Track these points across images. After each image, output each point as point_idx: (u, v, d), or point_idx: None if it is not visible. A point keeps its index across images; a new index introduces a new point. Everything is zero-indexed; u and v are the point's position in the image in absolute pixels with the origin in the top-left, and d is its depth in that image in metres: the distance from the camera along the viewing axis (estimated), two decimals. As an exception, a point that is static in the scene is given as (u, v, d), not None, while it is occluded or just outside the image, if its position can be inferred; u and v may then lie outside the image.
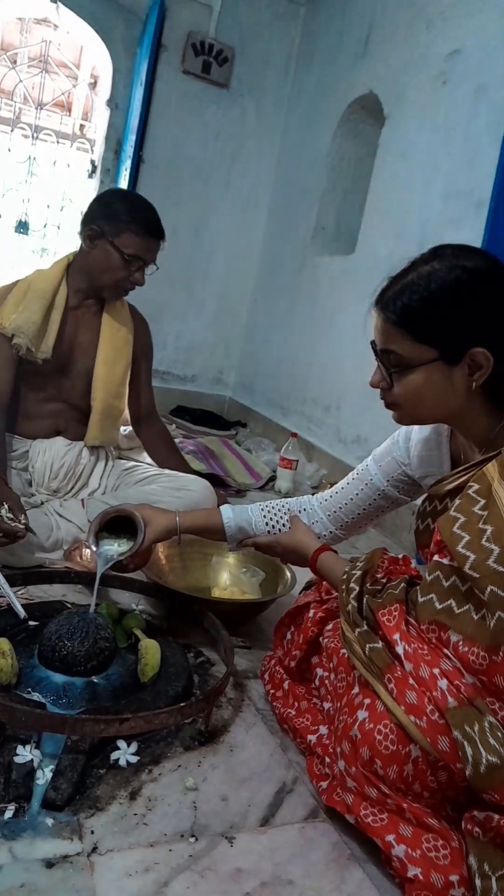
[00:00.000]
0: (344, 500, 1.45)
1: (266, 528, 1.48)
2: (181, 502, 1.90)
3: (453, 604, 1.00)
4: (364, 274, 3.13)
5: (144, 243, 1.86)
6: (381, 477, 1.39)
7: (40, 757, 1.09)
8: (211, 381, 4.41)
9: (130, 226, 1.84)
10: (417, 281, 1.08)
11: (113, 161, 4.04)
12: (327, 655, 1.26)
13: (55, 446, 1.99)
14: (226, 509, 1.51)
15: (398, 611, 1.08)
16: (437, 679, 0.97)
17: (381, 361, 1.15)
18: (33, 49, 4.29)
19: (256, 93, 4.07)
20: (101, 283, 1.92)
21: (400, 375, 1.12)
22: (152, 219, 1.88)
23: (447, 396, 1.11)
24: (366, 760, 1.01)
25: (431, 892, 0.92)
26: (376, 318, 1.14)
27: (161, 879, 0.93)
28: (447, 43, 2.72)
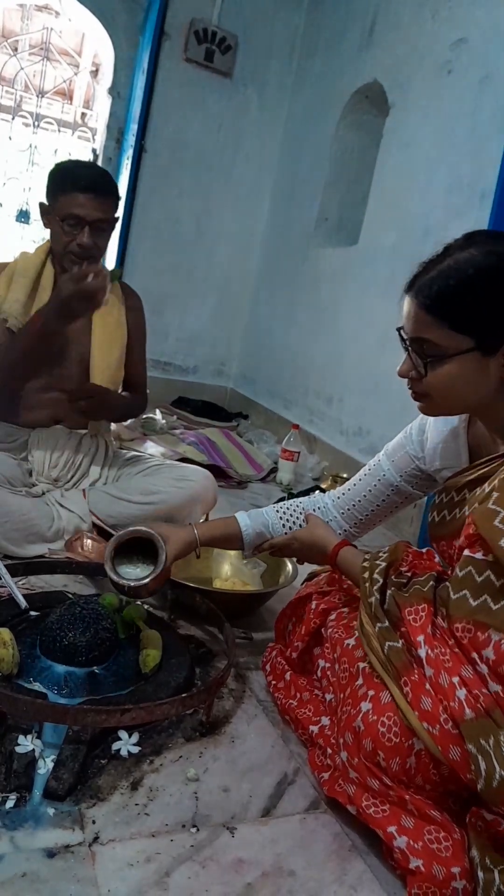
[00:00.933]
0: (357, 497, 1.43)
1: (283, 530, 1.46)
2: (182, 492, 1.90)
3: (489, 600, 0.97)
4: (367, 265, 3.11)
5: (74, 199, 1.77)
6: (395, 472, 1.37)
7: (42, 747, 1.09)
8: (212, 373, 4.41)
9: (60, 187, 1.80)
10: (455, 266, 1.04)
11: (115, 150, 4.02)
12: (330, 646, 1.26)
13: (55, 435, 1.98)
14: (242, 516, 1.48)
15: (426, 611, 1.05)
16: (457, 688, 0.95)
17: (412, 350, 1.10)
18: (34, 36, 4.26)
19: (259, 81, 4.04)
20: (59, 257, 1.89)
21: (434, 365, 1.07)
22: (84, 174, 1.80)
23: (480, 387, 1.07)
24: (368, 752, 1.01)
25: (433, 883, 0.91)
26: (408, 305, 1.09)
27: (162, 869, 0.93)
28: (452, 31, 2.69)
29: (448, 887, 0.91)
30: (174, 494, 1.90)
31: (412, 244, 2.78)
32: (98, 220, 1.80)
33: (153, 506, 1.88)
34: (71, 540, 1.84)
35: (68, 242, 1.82)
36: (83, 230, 1.80)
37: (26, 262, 1.94)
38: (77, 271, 1.64)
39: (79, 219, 1.78)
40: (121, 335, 2.03)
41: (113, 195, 1.85)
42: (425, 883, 0.92)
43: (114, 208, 1.87)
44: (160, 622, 1.50)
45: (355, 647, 1.17)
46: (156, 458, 2.14)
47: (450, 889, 0.91)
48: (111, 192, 1.84)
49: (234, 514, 1.49)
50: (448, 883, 0.91)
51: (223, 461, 3.01)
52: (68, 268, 1.88)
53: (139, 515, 1.87)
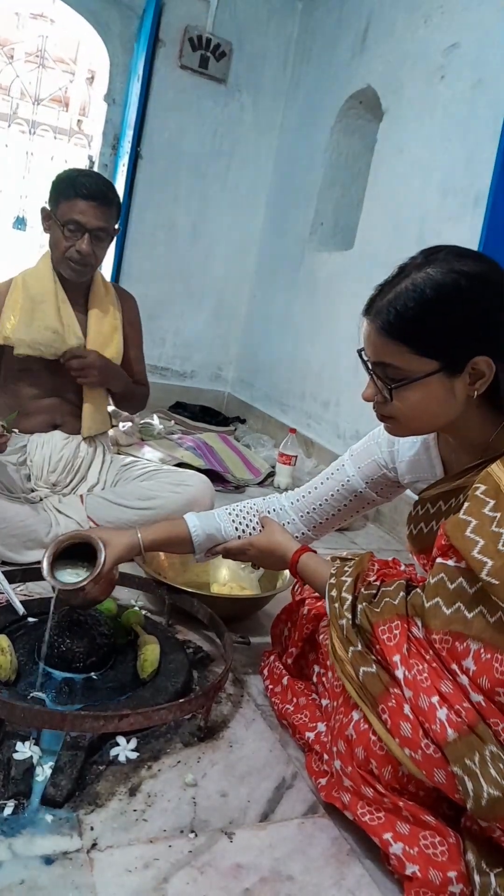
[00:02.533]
0: (318, 501, 1.40)
1: (236, 533, 1.42)
2: (180, 497, 1.90)
3: (462, 608, 0.95)
4: (362, 269, 3.12)
5: (76, 206, 1.81)
6: (360, 479, 1.35)
7: (39, 753, 1.09)
8: (210, 377, 4.41)
9: (63, 193, 1.83)
10: (412, 287, 1.00)
11: (110, 156, 4.03)
12: (323, 653, 1.26)
13: (53, 440, 1.99)
14: (191, 517, 1.44)
15: (399, 628, 1.02)
16: (437, 709, 0.93)
17: (375, 375, 1.07)
18: (30, 44, 4.27)
19: (254, 88, 4.06)
20: (56, 262, 1.91)
21: (399, 389, 1.04)
22: (85, 183, 1.82)
23: (448, 407, 1.04)
24: (361, 760, 1.00)
25: (430, 888, 0.91)
26: (367, 329, 1.06)
27: (161, 875, 0.93)
28: (445, 37, 2.71)
29: (445, 892, 0.91)
30: (172, 499, 1.90)
31: (407, 248, 2.77)
32: (98, 228, 1.83)
33: (151, 511, 1.88)
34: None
35: (68, 248, 1.84)
36: (83, 237, 1.82)
37: (39, 285, 1.93)
38: None
39: (79, 225, 1.81)
40: (116, 340, 2.05)
41: (115, 206, 1.88)
42: (422, 888, 0.92)
43: (115, 219, 1.90)
44: (158, 627, 1.50)
45: None
46: (153, 464, 2.14)
47: (447, 893, 0.91)
48: (113, 202, 1.87)
49: (184, 516, 1.45)
50: (445, 887, 0.91)
51: (221, 466, 3.01)
52: (66, 274, 1.91)
53: (137, 521, 1.86)
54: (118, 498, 1.93)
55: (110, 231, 1.89)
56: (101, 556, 1.28)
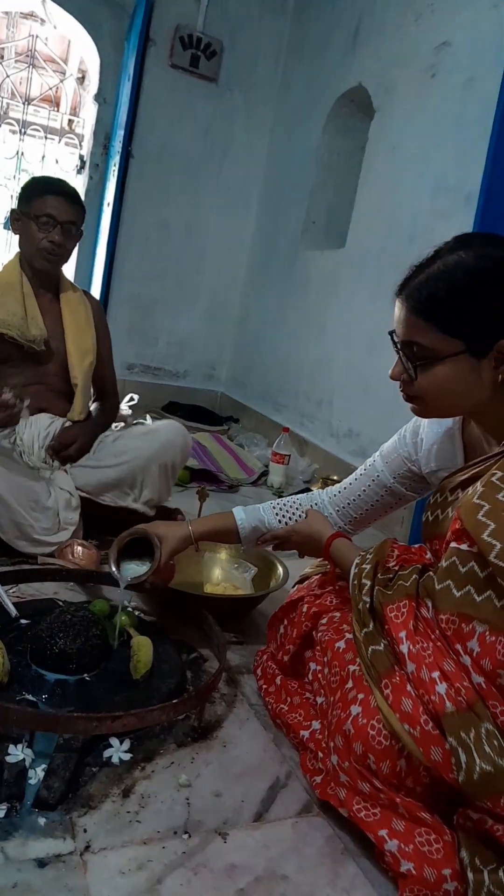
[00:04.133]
0: (352, 496, 1.45)
1: (279, 525, 1.48)
2: (151, 444, 2.03)
3: (472, 591, 0.97)
4: (355, 268, 3.12)
5: (48, 201, 1.94)
6: (388, 474, 1.39)
7: (32, 756, 1.08)
8: (203, 377, 4.41)
9: (35, 192, 1.97)
10: (444, 270, 1.04)
11: (102, 156, 4.02)
12: (321, 649, 1.26)
13: (39, 421, 2.05)
14: (238, 511, 1.51)
15: (407, 607, 1.05)
16: (437, 683, 0.95)
17: (403, 353, 1.11)
18: (20, 44, 4.26)
19: (245, 87, 4.05)
20: (30, 259, 2.02)
21: (424, 368, 1.08)
22: (54, 181, 2.03)
23: (472, 389, 1.07)
24: (359, 755, 1.01)
25: (424, 886, 0.91)
26: (399, 308, 1.10)
27: (154, 877, 0.93)
28: (436, 35, 2.71)
29: (440, 889, 0.91)
30: (143, 448, 2.03)
31: (399, 246, 2.80)
32: (69, 221, 1.97)
33: (126, 464, 2.01)
34: (62, 547, 1.84)
35: (41, 239, 1.96)
36: (55, 228, 1.96)
37: (7, 277, 2.05)
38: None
39: (52, 218, 1.95)
40: (90, 333, 2.15)
41: (81, 208, 2.03)
42: (417, 885, 0.92)
43: (81, 220, 2.04)
44: (151, 628, 1.50)
45: (345, 650, 1.18)
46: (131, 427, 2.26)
47: (441, 891, 0.91)
48: (79, 204, 2.03)
49: (232, 510, 1.52)
50: (440, 885, 0.91)
51: (214, 465, 3.00)
52: (38, 265, 2.02)
53: (117, 476, 2.01)
54: (96, 462, 2.04)
55: (78, 227, 2.02)
56: (157, 552, 1.42)
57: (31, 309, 2.02)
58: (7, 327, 1.97)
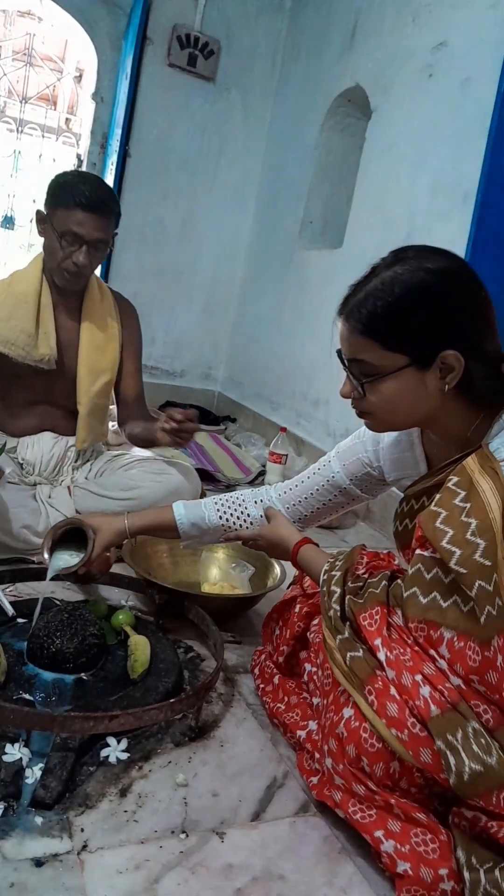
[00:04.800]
0: (304, 495, 1.44)
1: (220, 521, 1.47)
2: (161, 486, 1.92)
3: (438, 597, 0.98)
4: (352, 268, 3.09)
5: (74, 216, 1.73)
6: (344, 475, 1.39)
7: (29, 755, 1.08)
8: (200, 376, 4.40)
9: (62, 200, 1.74)
10: (381, 287, 1.05)
11: (99, 155, 4.02)
12: (314, 650, 1.26)
13: (43, 441, 1.99)
14: (177, 505, 1.50)
15: (379, 614, 1.05)
16: (420, 686, 0.95)
17: (350, 371, 1.12)
18: (17, 42, 4.25)
19: (243, 86, 4.05)
20: (50, 270, 1.86)
21: (372, 385, 1.09)
22: (87, 191, 1.74)
23: (421, 401, 1.08)
24: (352, 758, 1.00)
25: (421, 886, 0.91)
26: (342, 328, 1.11)
27: (152, 876, 0.93)
28: (433, 35, 2.71)
29: (437, 889, 0.91)
30: (153, 489, 1.91)
31: (396, 246, 2.78)
32: (97, 240, 1.77)
33: (134, 501, 1.89)
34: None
35: (63, 259, 1.79)
36: (81, 248, 1.77)
37: (24, 285, 1.88)
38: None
39: (77, 237, 1.75)
40: (112, 349, 2.00)
41: (114, 215, 1.82)
42: (413, 886, 0.92)
43: (114, 227, 1.84)
44: (148, 627, 1.50)
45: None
46: (138, 455, 2.15)
47: (438, 891, 0.91)
48: (113, 211, 1.81)
49: (172, 504, 1.51)
50: (436, 885, 0.91)
51: (211, 465, 3.00)
52: (59, 282, 1.86)
53: (121, 511, 1.86)
54: (102, 490, 1.94)
55: (109, 240, 1.83)
56: (90, 544, 1.44)
57: (45, 323, 1.87)
58: (10, 346, 1.84)
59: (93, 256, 1.80)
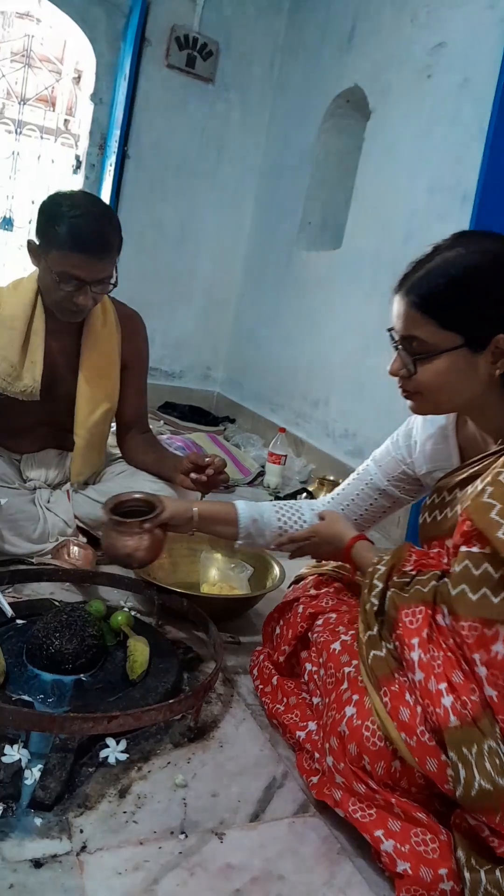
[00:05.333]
0: (346, 501, 1.45)
1: (277, 522, 1.47)
2: (160, 493, 1.89)
3: (489, 594, 0.96)
4: (351, 268, 3.12)
5: (72, 260, 1.58)
6: (382, 476, 1.40)
7: (28, 756, 1.08)
8: (199, 377, 4.41)
9: (55, 240, 1.58)
10: (442, 265, 1.06)
11: (98, 156, 4.02)
12: (317, 650, 1.26)
13: (47, 457, 1.98)
14: (239, 502, 1.49)
15: (423, 614, 1.03)
16: (443, 695, 0.93)
17: (402, 348, 1.12)
18: (16, 43, 4.25)
19: (241, 87, 4.06)
20: (48, 304, 1.74)
21: (423, 362, 1.09)
22: (83, 230, 1.56)
23: (469, 384, 1.09)
24: (354, 756, 1.01)
25: (421, 886, 0.91)
26: (398, 304, 1.11)
27: (151, 877, 0.92)
28: (432, 36, 2.71)
29: (436, 889, 0.91)
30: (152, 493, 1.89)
31: (395, 247, 2.80)
32: (99, 280, 1.64)
33: None
34: (58, 547, 1.83)
35: (63, 299, 1.65)
36: (82, 288, 1.62)
37: (13, 307, 1.74)
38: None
39: (77, 279, 1.61)
40: (112, 375, 1.91)
41: (116, 247, 1.65)
42: (413, 886, 0.92)
43: (115, 259, 1.67)
44: (147, 628, 1.49)
45: (341, 651, 1.17)
46: None
47: (438, 891, 0.91)
48: (113, 247, 1.64)
49: (234, 501, 1.50)
50: (436, 885, 0.91)
51: (210, 466, 3.00)
52: (59, 316, 1.74)
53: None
54: (101, 495, 1.90)
55: (112, 274, 1.67)
56: (158, 507, 1.40)
57: (33, 352, 1.74)
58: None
59: (96, 294, 1.67)
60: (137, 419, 2.05)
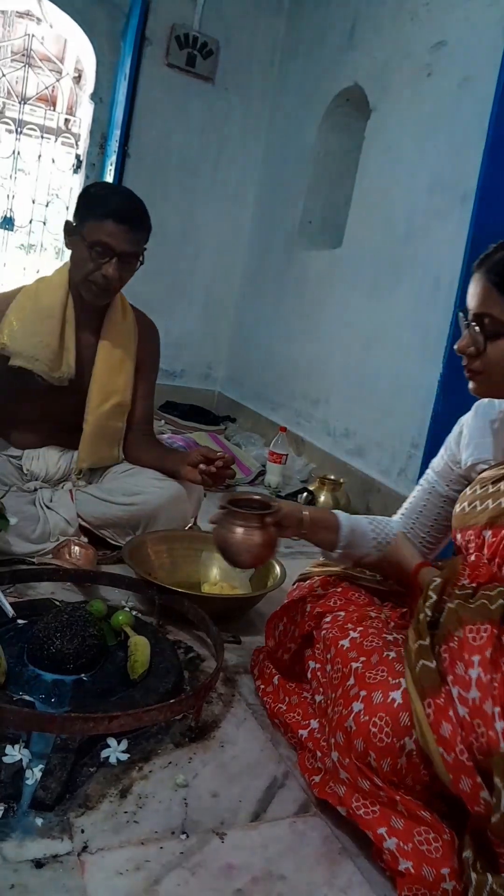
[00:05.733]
0: (415, 514, 1.45)
1: (372, 535, 1.43)
2: (163, 493, 1.91)
3: None
4: (351, 267, 3.12)
5: (106, 228, 1.70)
6: (442, 483, 1.41)
7: (29, 756, 1.08)
8: (199, 377, 4.41)
9: (94, 210, 1.72)
10: None
11: (98, 156, 4.02)
12: (324, 646, 1.24)
13: (48, 454, 1.98)
14: (339, 511, 1.46)
15: (488, 632, 0.98)
16: (497, 720, 0.90)
17: (474, 324, 1.15)
18: (16, 43, 4.25)
19: (242, 86, 4.05)
20: (77, 282, 1.82)
21: (493, 340, 1.13)
22: (120, 203, 1.73)
23: None
24: (360, 752, 1.00)
25: (423, 885, 0.91)
26: (475, 282, 1.15)
27: (152, 877, 0.92)
28: (432, 34, 2.71)
29: (438, 888, 0.91)
30: (156, 494, 1.90)
31: (395, 246, 2.79)
32: (128, 252, 1.75)
33: (136, 507, 1.89)
34: (59, 547, 1.83)
35: (92, 271, 1.75)
36: (111, 260, 1.73)
37: (50, 296, 1.85)
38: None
39: (108, 248, 1.72)
40: (127, 369, 1.97)
41: (146, 229, 1.79)
42: (415, 885, 0.91)
43: (145, 241, 1.81)
44: (148, 628, 1.49)
45: (350, 648, 1.17)
46: None
47: (440, 890, 0.91)
48: (144, 225, 1.78)
49: (332, 510, 1.47)
50: (438, 884, 0.91)
51: (211, 465, 3.00)
52: (86, 296, 1.83)
53: (122, 516, 1.89)
54: (104, 494, 1.92)
55: (139, 255, 1.80)
56: (275, 505, 1.33)
57: (67, 339, 1.84)
58: (34, 362, 1.80)
59: (122, 270, 1.77)
60: (143, 421, 2.08)
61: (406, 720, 0.99)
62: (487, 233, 2.16)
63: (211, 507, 1.80)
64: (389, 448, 2.68)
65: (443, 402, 2.24)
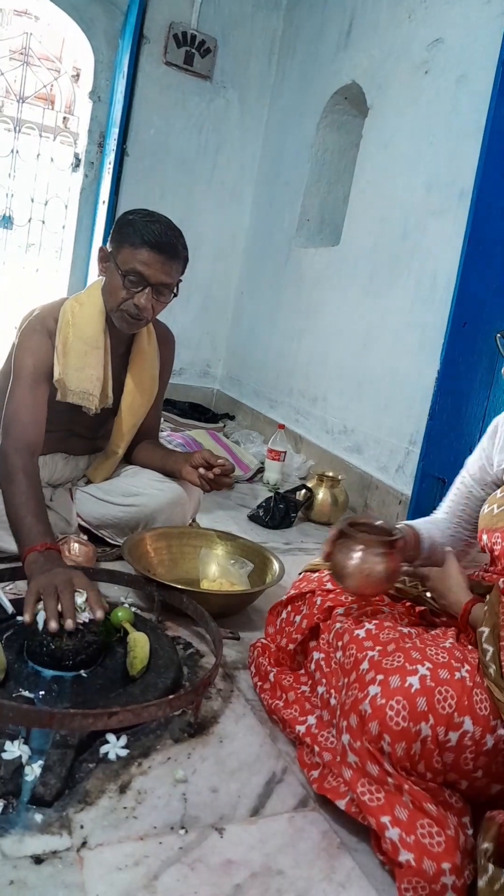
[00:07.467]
0: (455, 518, 1.46)
1: (440, 541, 1.45)
2: (163, 494, 1.91)
3: None
4: (349, 265, 3.12)
5: (140, 255, 1.65)
6: (477, 486, 1.42)
7: (29, 752, 1.08)
8: (198, 374, 4.41)
9: (128, 238, 1.67)
10: None
11: (97, 154, 4.02)
12: (336, 635, 1.23)
13: (54, 461, 1.97)
14: (415, 525, 1.45)
15: None
16: None
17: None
18: (14, 41, 4.25)
19: (239, 84, 4.05)
20: (109, 309, 1.77)
21: None
22: (157, 231, 1.67)
23: None
24: (374, 735, 1.00)
25: (423, 878, 0.91)
26: None
27: (151, 872, 0.93)
28: (429, 32, 2.71)
29: (438, 882, 0.91)
30: (155, 496, 1.90)
31: (393, 243, 2.80)
32: (162, 283, 1.70)
33: (135, 508, 1.89)
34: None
35: (125, 300, 1.70)
36: (144, 290, 1.68)
37: (91, 326, 1.78)
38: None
39: (142, 277, 1.67)
40: (151, 390, 1.97)
41: (182, 259, 1.75)
42: (415, 877, 0.92)
43: (180, 272, 1.77)
44: (147, 624, 1.50)
45: (365, 638, 1.15)
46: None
47: (439, 884, 0.91)
48: (181, 255, 1.74)
49: (403, 524, 1.44)
50: (438, 878, 0.91)
51: (210, 463, 3.00)
52: (117, 324, 1.77)
53: (122, 517, 1.89)
54: (104, 494, 1.93)
55: (174, 286, 1.75)
56: (396, 532, 1.28)
57: (107, 370, 1.80)
58: (86, 399, 1.76)
59: (156, 301, 1.72)
60: (153, 428, 2.09)
61: (423, 705, 0.99)
62: (485, 230, 2.17)
63: (211, 506, 1.81)
64: (387, 445, 2.69)
65: (440, 400, 2.25)
